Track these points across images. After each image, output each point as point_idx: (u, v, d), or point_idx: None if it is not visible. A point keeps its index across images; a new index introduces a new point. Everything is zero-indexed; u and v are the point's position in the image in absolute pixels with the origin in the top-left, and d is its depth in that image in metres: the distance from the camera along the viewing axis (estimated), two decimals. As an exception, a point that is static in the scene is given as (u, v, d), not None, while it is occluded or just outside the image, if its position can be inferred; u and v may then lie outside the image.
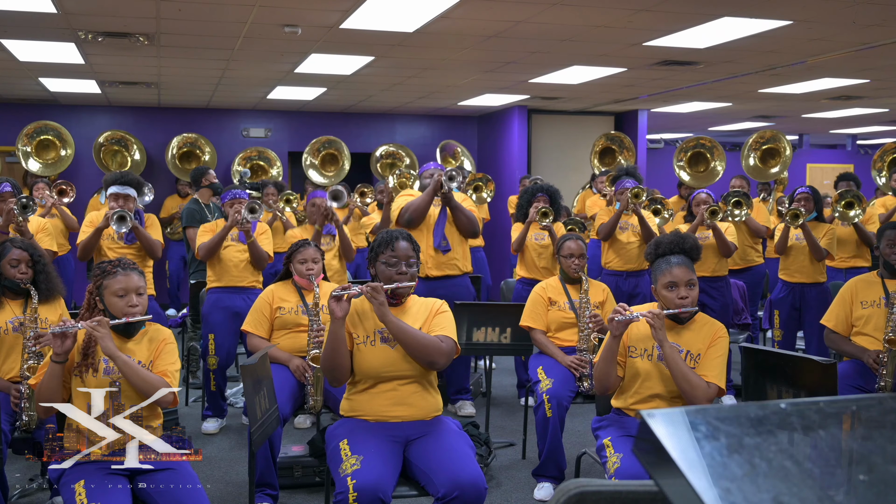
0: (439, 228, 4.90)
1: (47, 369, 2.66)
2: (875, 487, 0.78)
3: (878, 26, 5.40)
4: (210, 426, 4.82)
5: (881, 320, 3.75)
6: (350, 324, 2.87)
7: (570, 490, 1.36)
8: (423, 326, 2.89)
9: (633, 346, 2.98)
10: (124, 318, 2.72)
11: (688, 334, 2.99)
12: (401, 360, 2.82)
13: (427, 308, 2.97)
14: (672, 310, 2.91)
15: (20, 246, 3.55)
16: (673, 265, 2.94)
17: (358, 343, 2.85)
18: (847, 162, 14.87)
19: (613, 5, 4.89)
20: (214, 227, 4.92)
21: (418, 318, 2.92)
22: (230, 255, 4.83)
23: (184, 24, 5.44)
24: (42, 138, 8.73)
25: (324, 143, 9.59)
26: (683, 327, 2.99)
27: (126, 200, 4.74)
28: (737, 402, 4.88)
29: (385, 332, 2.83)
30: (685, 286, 2.92)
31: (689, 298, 2.92)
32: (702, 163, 9.05)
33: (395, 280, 2.86)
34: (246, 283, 4.84)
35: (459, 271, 4.96)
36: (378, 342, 2.83)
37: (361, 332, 2.86)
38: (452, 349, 2.85)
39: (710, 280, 5.28)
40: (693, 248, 3.03)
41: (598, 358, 3.00)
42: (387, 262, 2.88)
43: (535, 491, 3.85)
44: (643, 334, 2.97)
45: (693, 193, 5.59)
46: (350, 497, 2.48)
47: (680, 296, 2.91)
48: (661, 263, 2.98)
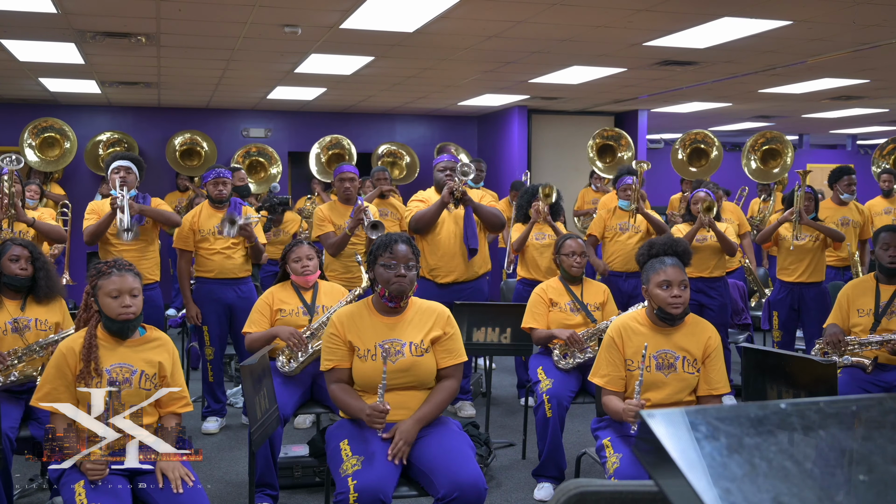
0: (470, 229, 4.83)
1: None
2: (875, 487, 0.77)
3: (878, 26, 5.40)
4: (210, 426, 4.82)
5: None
6: (353, 336, 2.87)
7: (570, 490, 1.36)
8: (427, 336, 2.88)
9: (631, 359, 3.00)
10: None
11: (680, 337, 3.00)
12: (401, 374, 2.82)
13: (430, 314, 2.94)
14: (658, 310, 2.95)
15: (20, 243, 3.57)
16: (667, 265, 2.96)
17: (360, 355, 2.85)
18: (847, 162, 14.86)
19: (613, 5, 4.89)
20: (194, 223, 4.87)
21: (421, 328, 2.90)
22: (218, 247, 4.80)
23: (184, 24, 5.44)
24: (47, 136, 8.74)
25: (334, 143, 9.47)
26: (675, 330, 3.00)
27: (127, 173, 4.61)
28: (737, 402, 4.88)
29: (385, 346, 2.83)
30: (678, 286, 2.93)
31: (681, 298, 2.93)
32: (702, 157, 9.08)
33: (393, 283, 2.84)
34: (238, 275, 4.83)
35: (482, 272, 4.98)
36: (379, 357, 2.82)
37: (362, 345, 2.85)
38: (462, 372, 2.95)
39: (708, 280, 5.29)
40: (685, 253, 3.06)
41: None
42: (385, 264, 2.87)
43: (535, 491, 3.85)
44: (638, 347, 2.99)
45: (692, 193, 5.57)
46: (351, 497, 2.49)
47: (673, 294, 2.92)
48: (655, 263, 3.01)
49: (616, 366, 3.01)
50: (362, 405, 2.74)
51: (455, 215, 4.89)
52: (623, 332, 3.04)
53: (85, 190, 8.94)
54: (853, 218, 5.90)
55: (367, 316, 2.91)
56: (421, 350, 2.86)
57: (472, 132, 11.04)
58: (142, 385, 2.76)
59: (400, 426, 2.72)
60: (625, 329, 3.05)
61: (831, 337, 3.83)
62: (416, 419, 2.76)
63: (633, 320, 3.08)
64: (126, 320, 2.76)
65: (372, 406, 2.67)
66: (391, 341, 2.85)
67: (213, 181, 4.89)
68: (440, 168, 4.94)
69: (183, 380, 2.91)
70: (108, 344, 2.79)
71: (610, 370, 3.02)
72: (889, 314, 3.82)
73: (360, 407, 2.73)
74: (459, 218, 4.88)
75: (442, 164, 4.96)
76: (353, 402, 2.78)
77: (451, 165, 4.90)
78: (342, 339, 2.87)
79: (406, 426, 2.72)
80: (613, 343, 3.04)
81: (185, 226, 4.85)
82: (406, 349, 2.85)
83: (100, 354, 2.74)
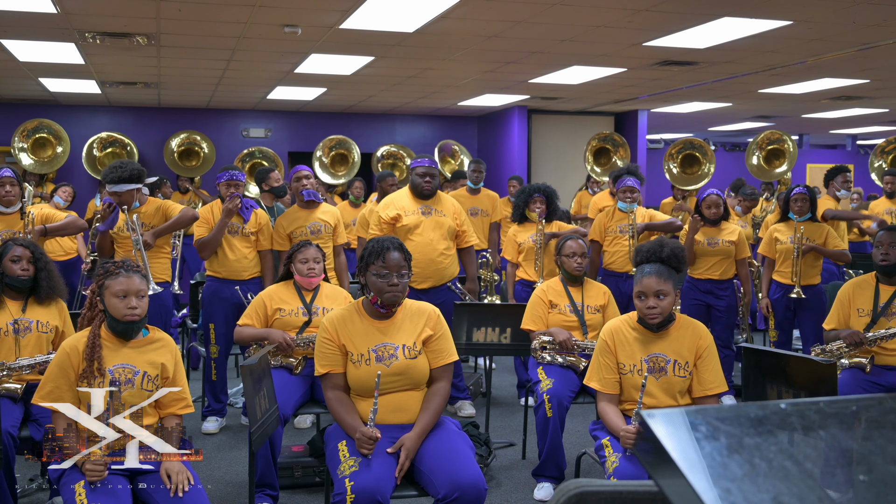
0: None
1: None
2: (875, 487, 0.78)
3: (878, 26, 5.40)
4: (210, 426, 4.81)
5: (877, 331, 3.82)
6: (346, 341, 2.86)
7: (570, 490, 1.36)
8: (418, 338, 2.88)
9: (623, 363, 3.02)
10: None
11: (671, 341, 3.00)
12: (396, 377, 2.82)
13: (421, 315, 2.94)
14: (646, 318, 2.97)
15: (22, 244, 3.56)
16: (645, 275, 2.95)
17: (354, 361, 2.84)
18: (847, 162, 14.86)
19: (613, 5, 4.89)
20: (211, 216, 4.84)
21: (412, 330, 2.89)
22: (229, 246, 4.79)
23: (184, 24, 5.44)
24: (38, 136, 8.74)
25: (336, 143, 9.46)
26: (666, 333, 3.00)
27: (123, 197, 4.51)
28: (737, 402, 4.88)
29: (379, 351, 2.83)
30: (653, 296, 2.92)
31: (657, 308, 2.92)
32: (694, 164, 9.07)
33: (387, 292, 2.82)
34: (246, 276, 4.82)
35: (452, 277, 4.96)
36: (373, 361, 2.82)
37: (355, 350, 2.85)
38: (452, 371, 2.96)
39: (717, 283, 5.28)
40: (671, 257, 3.00)
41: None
42: (377, 273, 2.83)
43: (535, 491, 3.85)
44: (628, 351, 3.01)
45: (702, 194, 5.50)
46: (348, 499, 2.48)
47: (648, 305, 2.92)
48: (637, 272, 3.01)
49: (610, 369, 3.03)
50: (356, 424, 2.73)
51: (434, 221, 4.84)
52: (615, 336, 3.06)
53: (81, 190, 8.94)
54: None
55: (359, 320, 2.90)
56: (414, 353, 2.86)
57: (472, 132, 11.04)
58: (144, 386, 2.76)
59: (406, 443, 2.71)
60: (616, 333, 3.07)
61: (850, 338, 3.80)
62: (419, 432, 2.75)
63: (626, 324, 3.09)
64: (131, 321, 2.76)
65: (361, 431, 2.67)
66: (383, 345, 2.85)
67: (225, 183, 4.85)
68: (419, 173, 4.83)
69: (185, 381, 2.91)
70: (112, 344, 2.79)
71: (605, 373, 3.04)
72: (889, 314, 3.82)
73: (353, 426, 2.73)
74: (438, 224, 4.84)
75: (422, 168, 4.84)
76: (348, 418, 2.78)
77: (432, 172, 4.84)
78: (336, 344, 2.86)
79: (412, 443, 2.71)
80: (606, 346, 3.06)
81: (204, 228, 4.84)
82: (399, 352, 2.84)
83: (103, 354, 2.74)
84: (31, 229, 4.62)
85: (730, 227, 5.36)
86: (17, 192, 4.68)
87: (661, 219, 5.54)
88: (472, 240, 5.08)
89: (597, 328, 4.17)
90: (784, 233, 5.31)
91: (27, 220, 4.66)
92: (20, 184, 4.76)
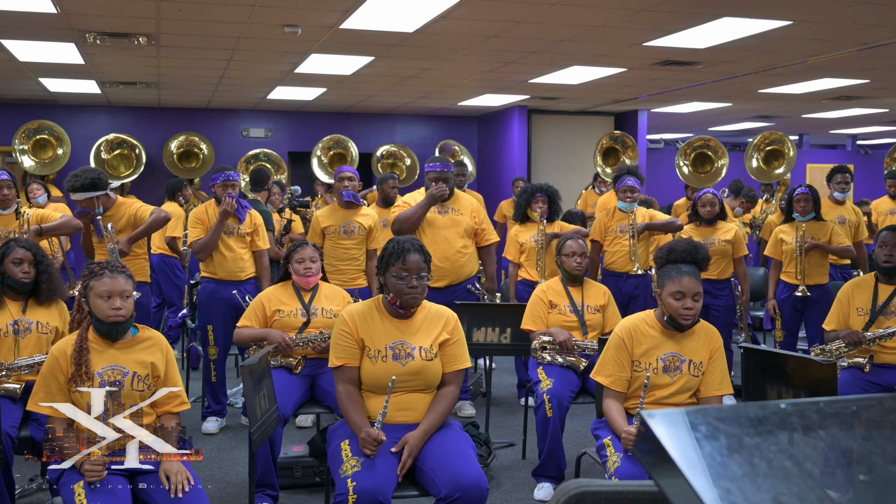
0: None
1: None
2: (875, 487, 0.78)
3: (878, 26, 5.40)
4: (210, 426, 4.81)
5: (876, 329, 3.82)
6: (364, 335, 2.87)
7: (570, 490, 1.36)
8: (436, 342, 2.88)
9: (638, 360, 3.00)
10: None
11: (689, 343, 3.01)
12: (410, 377, 2.83)
13: (439, 319, 2.94)
14: (673, 318, 2.94)
15: (24, 245, 3.55)
16: (683, 274, 2.93)
17: (370, 356, 2.85)
18: (847, 162, 14.86)
19: (613, 5, 4.89)
20: (206, 217, 4.84)
21: (430, 332, 2.90)
22: (225, 246, 4.79)
23: (184, 24, 5.44)
24: (39, 138, 8.73)
25: (334, 143, 9.45)
26: (684, 336, 3.01)
27: (91, 204, 4.65)
28: (737, 402, 4.88)
29: (397, 349, 2.83)
30: (692, 298, 2.92)
31: (692, 310, 2.92)
32: (707, 163, 9.07)
33: (406, 294, 2.82)
34: (243, 276, 4.82)
35: (470, 275, 5.00)
36: (390, 359, 2.82)
37: (372, 345, 2.85)
38: (462, 378, 2.97)
39: (714, 282, 5.28)
40: (704, 260, 3.06)
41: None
42: (397, 275, 2.82)
43: (535, 491, 3.85)
44: (645, 349, 2.99)
45: (698, 193, 5.53)
46: (350, 499, 2.48)
47: (685, 306, 2.91)
48: (672, 271, 2.97)
49: (622, 366, 3.00)
50: (362, 423, 2.74)
51: (451, 219, 4.87)
52: (633, 333, 3.02)
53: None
54: (849, 217, 5.89)
55: (378, 318, 2.90)
56: (430, 355, 2.86)
57: (472, 132, 11.04)
58: (134, 386, 2.73)
59: (410, 441, 2.71)
60: (634, 330, 3.03)
61: (850, 337, 3.80)
62: (423, 431, 2.76)
63: (643, 322, 3.06)
64: (116, 322, 2.73)
65: (367, 432, 2.67)
66: (401, 343, 2.85)
67: (221, 184, 4.84)
68: (432, 177, 4.87)
69: (179, 378, 2.88)
70: (99, 346, 2.76)
71: (615, 370, 3.01)
72: (887, 313, 3.82)
73: (359, 424, 2.73)
74: (455, 222, 4.87)
75: (435, 172, 4.88)
76: (355, 416, 2.78)
77: (446, 176, 4.86)
78: (354, 337, 2.86)
79: (415, 441, 2.71)
80: (622, 343, 3.01)
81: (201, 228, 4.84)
82: (416, 353, 2.84)
83: (90, 357, 2.71)
84: (26, 229, 4.64)
85: (726, 227, 5.37)
86: (13, 195, 4.78)
87: (662, 219, 5.54)
88: (492, 238, 5.10)
89: (597, 328, 4.17)
90: (789, 233, 5.32)
91: (22, 221, 4.69)
92: (16, 186, 4.85)
